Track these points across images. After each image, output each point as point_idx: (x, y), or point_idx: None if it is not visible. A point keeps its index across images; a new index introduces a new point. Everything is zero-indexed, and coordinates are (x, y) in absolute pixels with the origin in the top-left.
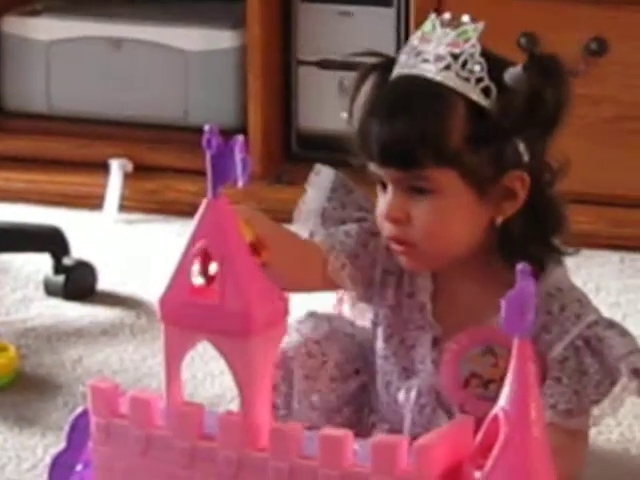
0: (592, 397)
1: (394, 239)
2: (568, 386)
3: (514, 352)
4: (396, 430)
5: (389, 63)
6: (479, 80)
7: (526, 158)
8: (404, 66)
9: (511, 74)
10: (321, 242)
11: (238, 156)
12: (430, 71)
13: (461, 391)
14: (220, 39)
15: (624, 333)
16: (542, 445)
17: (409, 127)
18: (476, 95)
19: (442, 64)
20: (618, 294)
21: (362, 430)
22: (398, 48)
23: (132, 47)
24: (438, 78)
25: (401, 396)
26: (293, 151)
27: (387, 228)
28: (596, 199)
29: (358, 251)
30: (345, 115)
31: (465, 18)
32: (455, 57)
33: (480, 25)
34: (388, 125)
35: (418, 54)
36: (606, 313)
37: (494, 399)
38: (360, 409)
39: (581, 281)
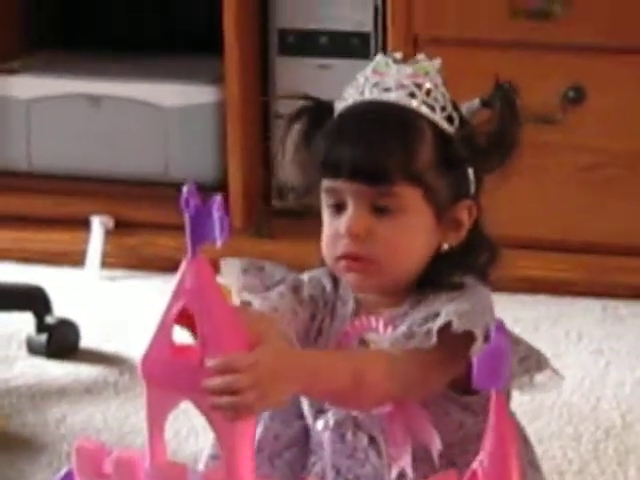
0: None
1: (350, 255)
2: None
3: (491, 407)
4: (325, 465)
5: (321, 105)
6: (443, 109)
7: (473, 189)
8: (359, 96)
9: (469, 107)
10: (260, 307)
11: (216, 215)
12: (395, 97)
13: None
14: (199, 94)
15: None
16: None
17: (383, 143)
18: (441, 122)
19: (405, 92)
20: (600, 341)
21: (301, 473)
22: None
23: (111, 104)
24: (404, 103)
25: (319, 425)
26: (273, 204)
27: (343, 245)
28: (575, 247)
29: (296, 307)
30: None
31: (420, 56)
32: (418, 86)
33: (437, 61)
34: (362, 140)
35: (375, 85)
36: (588, 360)
37: None
38: (303, 451)
39: (563, 330)
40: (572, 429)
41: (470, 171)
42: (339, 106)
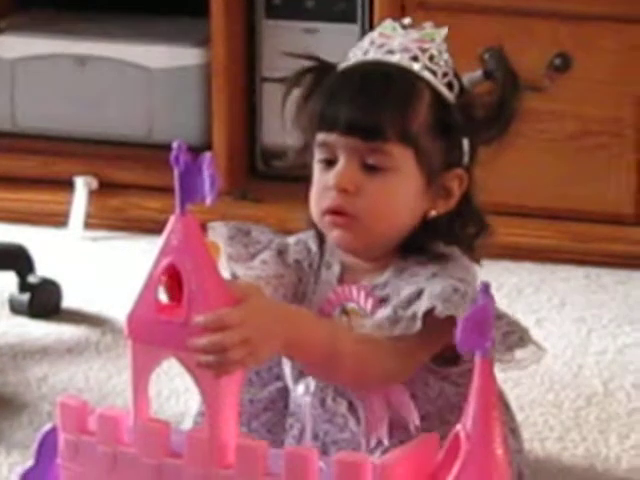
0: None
1: (337, 209)
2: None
3: (475, 371)
4: (303, 429)
5: (325, 66)
6: (445, 74)
7: (466, 160)
8: (363, 56)
9: (470, 78)
10: (244, 277)
11: (206, 173)
12: (397, 59)
13: None
14: (185, 56)
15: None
16: (502, 464)
17: (382, 100)
18: (441, 87)
19: (409, 55)
20: (583, 309)
21: (283, 427)
22: None
23: (97, 64)
24: (407, 65)
25: (300, 389)
26: (258, 168)
27: (330, 198)
28: (560, 214)
29: (281, 271)
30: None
31: (428, 24)
32: (423, 51)
33: (444, 29)
34: (361, 95)
35: (380, 46)
36: (571, 328)
37: None
38: (281, 413)
39: (546, 296)
40: (553, 396)
41: (465, 141)
42: (342, 66)
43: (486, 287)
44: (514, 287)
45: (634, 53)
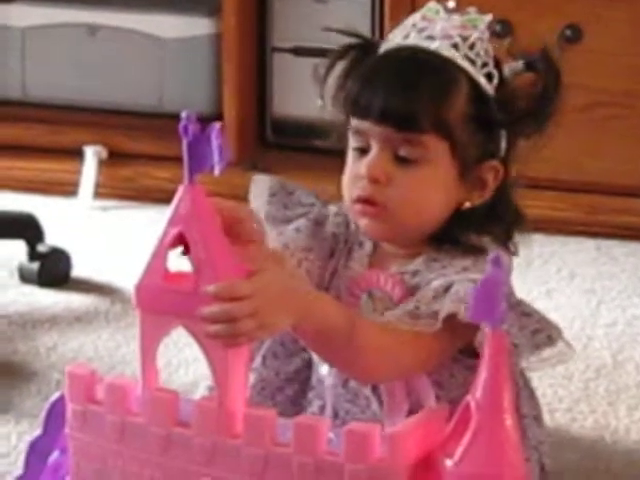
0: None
1: (367, 199)
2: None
3: (487, 342)
4: (324, 405)
5: (367, 44)
6: (484, 65)
7: (503, 153)
8: (403, 39)
9: (511, 68)
10: (273, 243)
11: (215, 143)
12: (437, 46)
13: None
14: (196, 26)
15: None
16: (513, 434)
17: (418, 89)
18: (480, 78)
19: (449, 42)
20: (593, 281)
21: (302, 409)
22: (373, 35)
23: (108, 34)
24: (446, 53)
25: (324, 369)
26: (268, 138)
27: (361, 188)
28: (571, 186)
29: (311, 244)
30: (320, 91)
31: (472, 9)
32: (464, 39)
33: (489, 16)
34: (396, 84)
35: (421, 30)
36: (580, 300)
37: None
38: (305, 384)
39: (555, 267)
40: (563, 368)
41: (503, 132)
42: (382, 47)
43: (497, 258)
44: (524, 259)
45: None
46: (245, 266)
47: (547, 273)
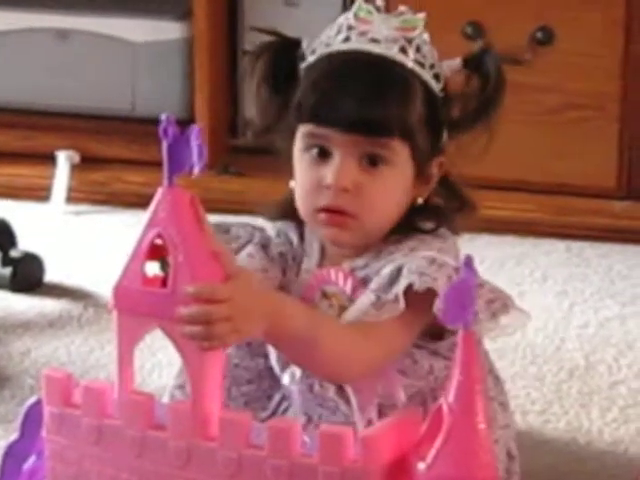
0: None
1: (334, 209)
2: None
3: (459, 344)
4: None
5: (288, 43)
6: (432, 66)
7: (445, 146)
8: (343, 42)
9: (449, 66)
10: None
11: (194, 144)
12: (383, 50)
13: None
14: (167, 30)
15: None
16: (485, 437)
17: (384, 96)
18: (430, 79)
19: (397, 46)
20: (564, 282)
21: (262, 405)
22: None
23: (79, 38)
24: (397, 58)
25: (286, 379)
26: (240, 141)
27: (326, 197)
28: (542, 187)
29: (266, 265)
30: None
31: (403, 8)
32: (409, 41)
33: (422, 15)
34: (360, 91)
35: (363, 34)
36: (552, 301)
37: None
38: (263, 391)
39: (528, 270)
40: (536, 369)
41: (445, 129)
42: (318, 49)
43: (469, 260)
44: (496, 260)
45: (616, 27)
46: (226, 271)
47: (520, 275)
